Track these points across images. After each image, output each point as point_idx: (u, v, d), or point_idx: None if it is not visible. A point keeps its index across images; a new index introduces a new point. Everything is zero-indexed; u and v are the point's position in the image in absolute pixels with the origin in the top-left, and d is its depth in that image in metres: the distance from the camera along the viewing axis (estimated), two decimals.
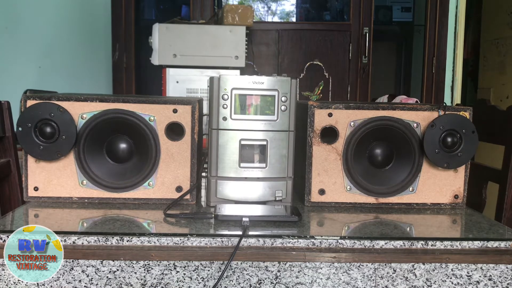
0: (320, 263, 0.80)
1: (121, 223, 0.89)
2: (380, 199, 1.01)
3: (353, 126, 0.98)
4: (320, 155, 0.99)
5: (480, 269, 0.82)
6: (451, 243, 0.83)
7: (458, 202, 1.04)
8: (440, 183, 1.02)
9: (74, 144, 0.97)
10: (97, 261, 0.79)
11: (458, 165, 1.01)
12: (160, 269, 0.79)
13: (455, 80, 2.95)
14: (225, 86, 0.96)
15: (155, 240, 0.80)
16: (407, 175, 1.01)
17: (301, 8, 4.07)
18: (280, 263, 0.80)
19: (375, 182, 1.00)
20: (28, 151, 0.97)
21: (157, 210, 0.96)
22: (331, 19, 3.85)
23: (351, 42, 2.85)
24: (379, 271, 0.81)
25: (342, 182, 0.99)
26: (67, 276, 0.79)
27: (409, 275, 0.81)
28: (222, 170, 0.98)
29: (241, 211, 0.93)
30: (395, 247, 0.82)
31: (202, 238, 0.80)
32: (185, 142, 0.99)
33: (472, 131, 1.00)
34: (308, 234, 0.83)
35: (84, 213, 0.95)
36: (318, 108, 0.98)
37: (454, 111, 1.01)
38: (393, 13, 4.36)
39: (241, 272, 0.80)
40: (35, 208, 0.97)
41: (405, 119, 0.99)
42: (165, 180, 0.99)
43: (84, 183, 0.99)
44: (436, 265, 0.81)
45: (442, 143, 0.99)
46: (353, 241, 0.81)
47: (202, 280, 0.80)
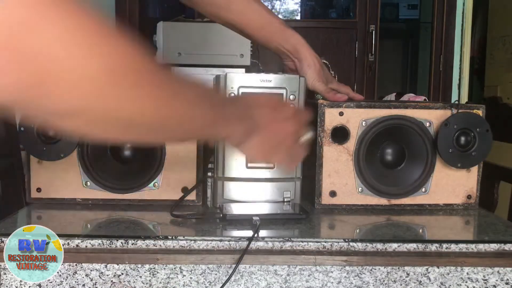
0: (331, 267, 0.78)
1: (125, 225, 0.87)
2: (392, 200, 0.99)
3: (365, 125, 0.95)
4: (331, 156, 0.96)
5: (497, 272, 0.79)
6: (467, 246, 0.80)
7: (471, 202, 1.01)
8: (453, 183, 1.00)
9: (78, 144, 0.95)
10: (101, 264, 0.77)
11: (472, 165, 0.99)
12: (166, 273, 0.77)
13: (462, 78, 2.92)
14: (232, 85, 0.94)
15: (161, 243, 0.78)
16: (419, 176, 0.98)
17: (306, 6, 4.05)
18: (289, 267, 0.78)
19: (387, 183, 0.98)
20: (30, 151, 0.95)
21: (163, 211, 0.94)
22: (337, 16, 3.83)
23: (357, 40, 2.83)
24: (392, 275, 0.79)
25: (353, 183, 0.97)
26: (70, 280, 0.77)
27: (423, 279, 0.79)
28: (229, 170, 0.96)
29: (248, 210, 0.92)
30: (409, 250, 0.79)
31: (209, 241, 0.78)
32: (191, 142, 0.97)
33: (486, 129, 0.97)
34: (318, 236, 0.81)
35: (88, 215, 0.93)
36: (328, 107, 0.95)
37: (466, 109, 0.98)
38: (400, 10, 4.34)
39: (249, 276, 0.78)
40: (38, 210, 0.95)
41: (417, 117, 0.97)
42: (170, 181, 0.97)
43: (88, 184, 0.97)
44: (451, 269, 0.79)
45: (456, 142, 0.97)
46: (365, 244, 0.79)
47: (210, 284, 0.78)
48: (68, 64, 0.43)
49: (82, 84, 0.44)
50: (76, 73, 0.43)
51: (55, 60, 0.41)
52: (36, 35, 0.39)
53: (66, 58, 0.42)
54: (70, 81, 0.43)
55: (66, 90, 0.44)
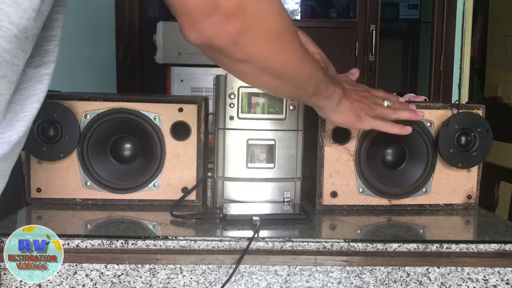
0: (331, 267, 0.78)
1: (125, 225, 0.86)
2: (393, 200, 0.98)
3: None
4: (332, 156, 0.96)
5: (497, 273, 0.79)
6: (467, 246, 0.80)
7: (471, 202, 1.01)
8: (453, 183, 1.00)
9: (77, 144, 0.95)
10: (101, 265, 0.77)
11: (473, 165, 0.99)
12: (166, 273, 0.77)
13: (463, 77, 2.91)
14: (232, 85, 0.94)
15: (161, 243, 0.78)
16: (420, 176, 0.98)
17: (306, 6, 4.04)
18: (290, 267, 0.78)
19: (388, 183, 0.98)
20: (30, 151, 0.95)
21: (163, 211, 0.93)
22: (337, 16, 3.82)
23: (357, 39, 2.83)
24: (392, 275, 0.78)
25: (354, 184, 0.97)
26: (70, 280, 0.77)
27: (423, 279, 0.79)
28: (229, 170, 0.96)
29: (248, 210, 0.92)
30: (409, 250, 0.79)
31: (209, 242, 0.78)
32: (191, 142, 0.97)
33: (487, 129, 0.97)
34: (318, 236, 0.80)
35: (88, 215, 0.93)
36: None
37: (467, 109, 0.98)
38: (400, 10, 4.33)
39: (249, 276, 0.78)
40: (37, 210, 0.95)
41: None
42: (170, 181, 0.97)
43: (87, 184, 0.96)
44: (452, 269, 0.79)
45: (457, 142, 0.97)
46: (365, 244, 0.79)
47: (210, 284, 0.77)
48: (265, 22, 0.60)
49: (264, 36, 0.61)
50: (266, 29, 0.60)
51: (259, 19, 0.59)
52: (253, 2, 0.57)
53: (266, 19, 0.60)
54: (259, 33, 0.60)
55: (254, 39, 0.59)
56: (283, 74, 0.68)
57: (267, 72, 0.66)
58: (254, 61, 0.63)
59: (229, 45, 0.59)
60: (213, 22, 0.56)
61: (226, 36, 0.57)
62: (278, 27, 0.62)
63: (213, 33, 0.57)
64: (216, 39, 0.58)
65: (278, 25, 0.62)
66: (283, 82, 0.70)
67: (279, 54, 0.65)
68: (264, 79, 0.68)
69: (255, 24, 0.59)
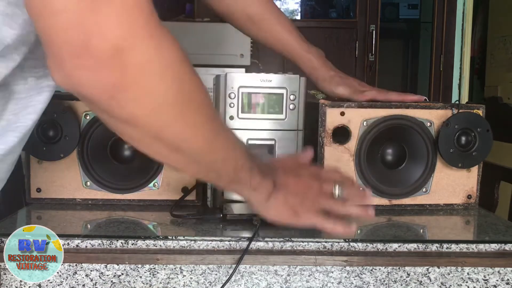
0: (331, 267, 0.78)
1: (125, 225, 0.87)
2: (393, 200, 0.98)
3: (366, 125, 0.95)
4: (332, 156, 0.96)
5: (497, 273, 0.79)
6: (467, 246, 0.80)
7: (471, 202, 1.01)
8: (453, 183, 1.00)
9: (77, 144, 0.94)
10: (101, 265, 0.77)
11: (473, 165, 0.99)
12: (166, 273, 0.77)
13: (463, 78, 2.92)
14: (232, 85, 0.94)
15: (161, 243, 0.78)
16: (420, 176, 0.98)
17: (306, 6, 4.04)
18: (290, 267, 0.78)
19: (388, 183, 0.98)
20: (30, 151, 0.95)
21: (163, 211, 0.93)
22: (337, 16, 3.82)
23: (357, 39, 2.83)
24: (392, 275, 0.78)
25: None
26: (70, 280, 0.77)
27: (423, 279, 0.79)
28: None
29: (248, 210, 0.91)
30: (409, 250, 0.79)
31: (209, 242, 0.78)
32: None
33: (487, 129, 0.97)
34: (319, 236, 0.80)
35: (88, 215, 0.93)
36: (330, 107, 0.95)
37: (467, 109, 0.98)
38: (400, 10, 4.33)
39: (249, 276, 0.78)
40: (37, 210, 0.95)
41: (418, 117, 0.96)
42: (170, 181, 0.97)
43: (87, 184, 0.96)
44: (452, 269, 0.79)
45: (457, 142, 0.97)
46: (365, 244, 0.79)
47: (210, 284, 0.77)
48: (153, 83, 0.47)
49: (151, 98, 0.47)
50: (155, 92, 0.47)
51: (142, 73, 0.46)
52: (136, 52, 0.45)
53: (147, 77, 0.46)
54: (143, 93, 0.47)
55: (136, 98, 0.47)
56: (183, 149, 0.54)
57: (162, 143, 0.52)
58: (139, 126, 0.50)
59: (103, 99, 0.46)
60: (82, 66, 0.44)
61: (99, 86, 0.45)
62: (175, 93, 0.48)
63: (82, 80, 0.45)
64: (85, 88, 0.46)
65: (176, 90, 0.48)
66: (186, 159, 0.56)
67: (175, 126, 0.51)
68: (160, 150, 0.54)
69: (138, 82, 0.46)
